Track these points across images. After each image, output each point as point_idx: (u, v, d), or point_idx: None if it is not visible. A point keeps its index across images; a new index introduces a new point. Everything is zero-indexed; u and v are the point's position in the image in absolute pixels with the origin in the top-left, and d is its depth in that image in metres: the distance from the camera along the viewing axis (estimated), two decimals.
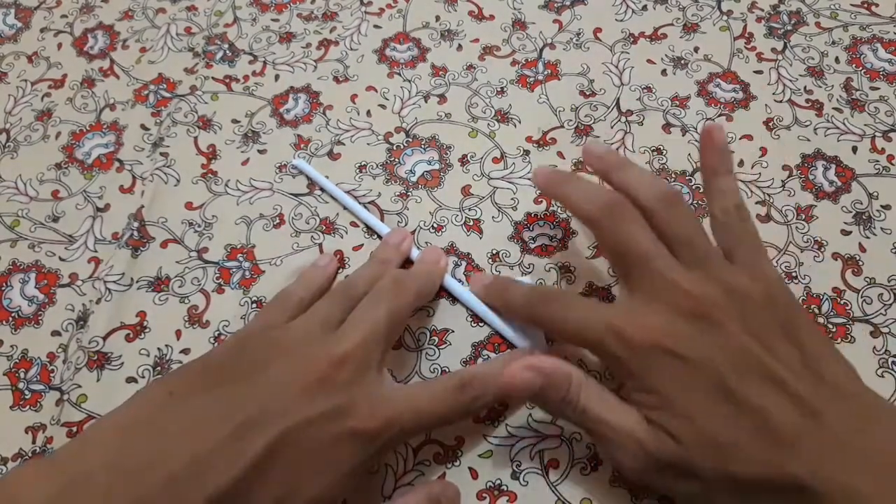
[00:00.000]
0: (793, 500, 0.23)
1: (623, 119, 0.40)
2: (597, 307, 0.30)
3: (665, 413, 0.25)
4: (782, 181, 0.37)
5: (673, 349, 0.25)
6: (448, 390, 0.28)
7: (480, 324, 0.34)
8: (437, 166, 0.39)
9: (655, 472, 0.25)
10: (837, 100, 0.40)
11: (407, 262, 0.35)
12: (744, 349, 0.25)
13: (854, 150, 0.38)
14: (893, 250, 0.35)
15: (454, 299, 0.34)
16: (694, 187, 0.37)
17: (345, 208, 0.37)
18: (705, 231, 0.29)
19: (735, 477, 0.24)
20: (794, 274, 0.34)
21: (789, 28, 0.43)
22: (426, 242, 0.36)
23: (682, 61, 0.42)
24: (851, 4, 0.44)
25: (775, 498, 0.23)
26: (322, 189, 0.38)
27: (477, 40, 0.44)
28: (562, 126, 0.40)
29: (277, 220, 0.37)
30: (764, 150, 0.38)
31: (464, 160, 0.39)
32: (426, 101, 0.41)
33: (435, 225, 0.37)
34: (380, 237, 0.36)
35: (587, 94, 0.41)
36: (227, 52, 0.44)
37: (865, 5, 0.44)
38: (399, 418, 0.26)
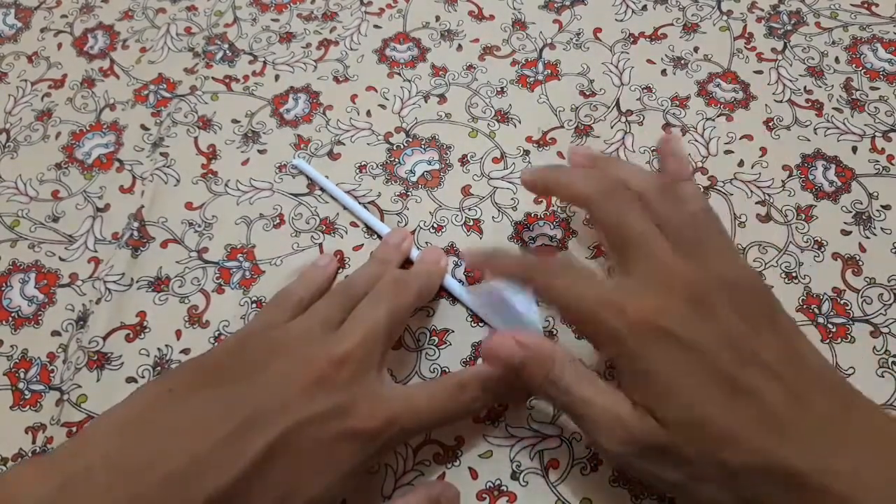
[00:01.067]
0: (779, 486, 0.23)
1: (623, 119, 0.40)
2: (594, 281, 0.29)
3: (656, 396, 0.25)
4: (782, 181, 0.37)
5: (671, 330, 0.25)
6: (447, 390, 0.28)
7: (480, 324, 0.34)
8: (437, 166, 0.39)
9: (637, 458, 0.25)
10: (837, 100, 0.40)
11: (407, 263, 0.35)
12: (737, 335, 0.25)
13: (854, 150, 0.38)
14: (893, 250, 0.35)
15: (454, 299, 0.34)
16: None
17: (344, 208, 0.37)
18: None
19: (725, 463, 0.23)
20: (794, 274, 0.34)
21: (789, 28, 0.43)
22: (426, 242, 0.36)
23: (682, 61, 0.42)
24: (851, 4, 0.44)
25: (762, 483, 0.23)
26: (322, 189, 0.38)
27: (477, 40, 0.44)
28: (562, 126, 0.40)
29: (277, 220, 0.37)
30: (764, 150, 0.38)
31: (464, 160, 0.39)
32: (426, 101, 0.41)
33: (435, 225, 0.37)
34: (380, 237, 0.36)
35: (587, 94, 0.41)
36: (227, 52, 0.44)
37: (865, 5, 0.44)
38: (399, 418, 0.26)
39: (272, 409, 0.24)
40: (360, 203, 0.37)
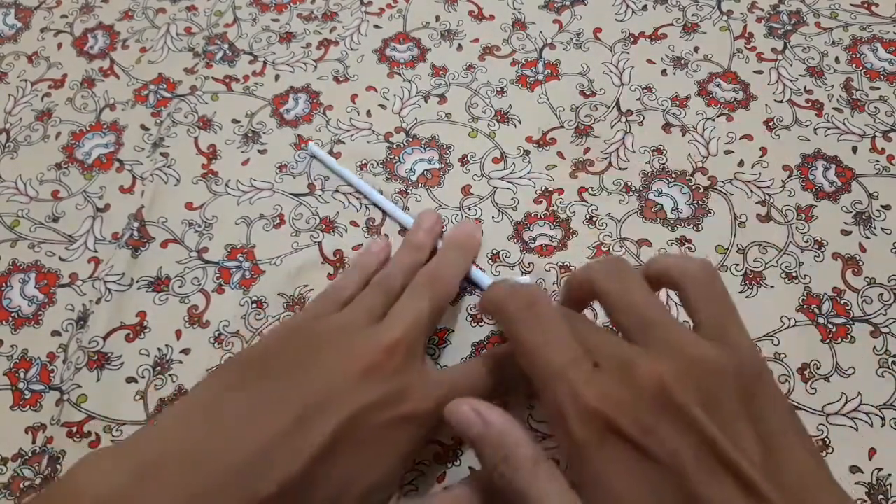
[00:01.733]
0: None
1: (623, 119, 0.40)
2: (567, 344, 0.24)
3: None
4: (782, 181, 0.37)
5: (627, 433, 0.21)
6: (486, 368, 0.29)
7: (481, 323, 0.34)
8: (437, 165, 0.39)
9: None
10: (837, 100, 0.40)
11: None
12: (709, 440, 0.21)
13: (854, 150, 0.38)
14: (893, 250, 0.35)
15: (455, 299, 0.34)
16: (694, 187, 0.37)
17: (357, 191, 0.38)
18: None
19: None
20: (794, 274, 0.34)
21: (789, 28, 0.43)
22: None
23: (682, 61, 0.42)
24: (851, 4, 0.44)
25: None
26: (334, 173, 0.38)
27: (477, 40, 0.44)
28: (562, 126, 0.40)
29: (278, 220, 0.37)
30: (764, 150, 0.38)
31: (464, 160, 0.39)
32: (426, 101, 0.41)
33: None
34: (383, 223, 0.36)
35: (587, 94, 0.41)
36: (227, 52, 0.44)
37: (865, 5, 0.44)
38: (446, 400, 0.27)
39: (331, 399, 0.25)
40: (373, 188, 0.38)
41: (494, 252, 0.36)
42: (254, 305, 0.35)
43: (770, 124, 0.39)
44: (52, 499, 0.24)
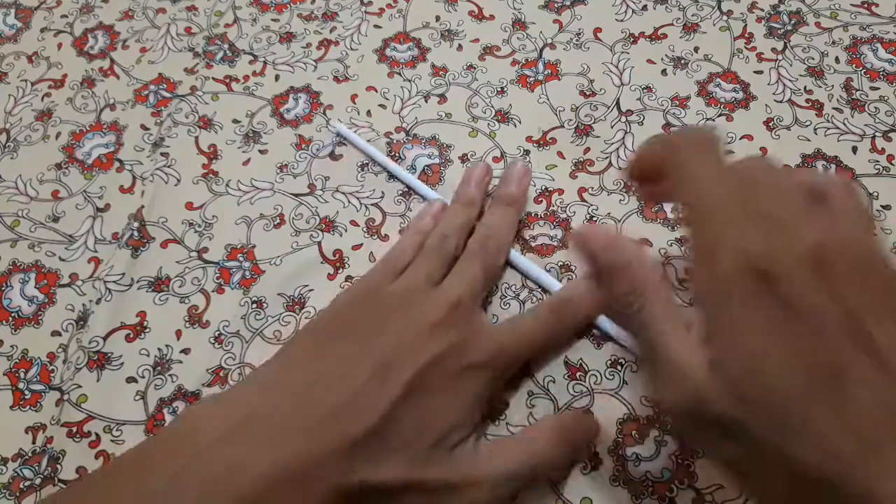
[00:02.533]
0: None
1: (623, 119, 0.40)
2: (729, 176, 0.24)
3: (736, 361, 0.21)
4: None
5: (777, 284, 0.20)
6: (541, 317, 0.31)
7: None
8: (437, 160, 0.39)
9: (698, 426, 0.22)
10: (837, 100, 0.40)
11: None
12: (856, 313, 0.20)
13: (854, 150, 0.38)
14: (894, 250, 0.35)
15: None
16: None
17: (383, 169, 0.38)
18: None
19: (791, 460, 0.19)
20: None
21: (789, 28, 0.43)
22: None
23: (682, 61, 0.42)
24: (851, 4, 0.44)
25: (827, 497, 0.19)
26: (361, 151, 0.39)
27: (477, 40, 0.44)
28: (562, 126, 0.40)
29: (278, 220, 0.37)
30: (764, 151, 0.38)
31: (464, 159, 0.39)
32: (426, 101, 0.41)
33: None
34: (383, 223, 0.36)
35: (587, 94, 0.41)
36: (228, 52, 0.44)
37: (865, 5, 0.44)
38: (505, 348, 0.30)
39: (403, 353, 0.28)
40: (401, 167, 0.38)
41: None
42: (254, 305, 0.35)
43: (770, 124, 0.39)
44: (167, 444, 0.26)
